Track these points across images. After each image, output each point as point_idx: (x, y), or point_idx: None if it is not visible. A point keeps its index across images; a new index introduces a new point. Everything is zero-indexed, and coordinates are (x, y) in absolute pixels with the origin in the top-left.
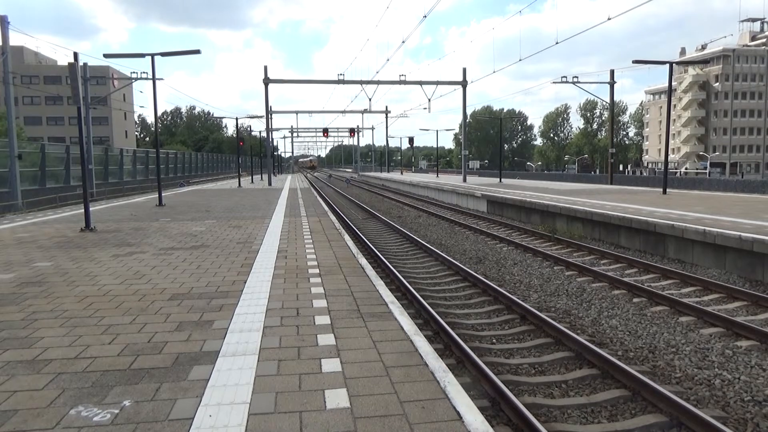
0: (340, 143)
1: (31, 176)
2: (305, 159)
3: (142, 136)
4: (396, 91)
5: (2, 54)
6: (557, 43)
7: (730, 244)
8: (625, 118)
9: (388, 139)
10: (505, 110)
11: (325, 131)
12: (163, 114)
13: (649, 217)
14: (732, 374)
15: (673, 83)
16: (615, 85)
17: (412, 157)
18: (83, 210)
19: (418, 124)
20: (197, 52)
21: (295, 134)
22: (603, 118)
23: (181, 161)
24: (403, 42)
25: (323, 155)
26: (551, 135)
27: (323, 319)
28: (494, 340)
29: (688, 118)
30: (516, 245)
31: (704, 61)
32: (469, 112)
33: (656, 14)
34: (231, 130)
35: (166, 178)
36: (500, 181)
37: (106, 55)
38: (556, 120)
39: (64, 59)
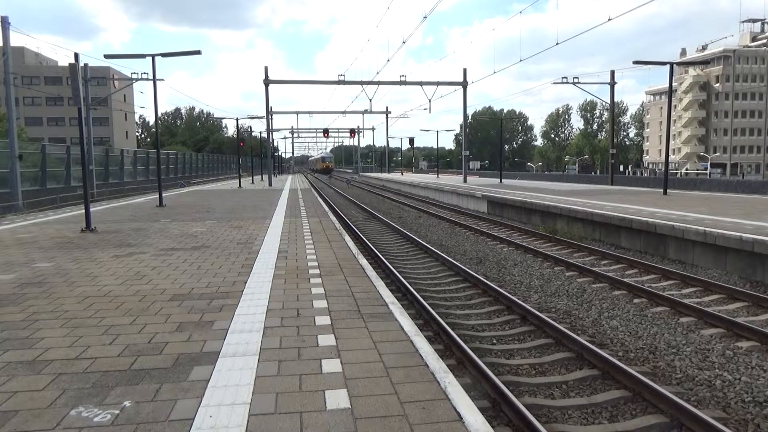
0: (340, 144)
1: (32, 177)
2: (315, 158)
3: (142, 136)
4: (397, 91)
5: (3, 55)
6: (558, 43)
7: (731, 244)
8: (626, 118)
9: (389, 139)
10: (505, 111)
11: (326, 132)
12: (163, 114)
13: (649, 217)
14: (733, 375)
15: (673, 84)
16: (617, 86)
17: (412, 158)
18: (84, 210)
19: (419, 125)
20: (198, 52)
21: (295, 135)
22: (603, 119)
23: (181, 162)
24: (404, 42)
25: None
26: (552, 135)
27: (324, 320)
28: (495, 341)
29: (688, 119)
30: (516, 246)
31: (705, 62)
32: (470, 112)
33: (660, 14)
34: (231, 131)
35: (166, 178)
36: (500, 181)
37: (106, 56)
38: (557, 120)
39: (64, 60)
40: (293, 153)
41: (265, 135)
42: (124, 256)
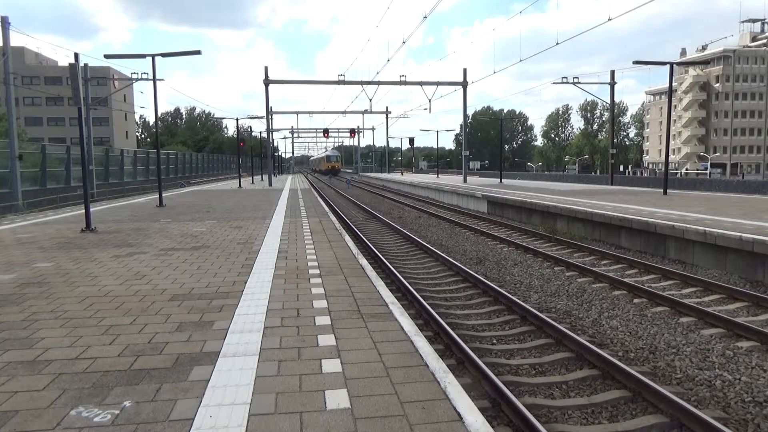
0: (340, 144)
1: (32, 177)
2: (317, 157)
3: (143, 136)
4: (397, 91)
5: (3, 55)
6: (558, 43)
7: (731, 244)
8: (626, 118)
9: (389, 139)
10: (505, 111)
11: (326, 132)
12: (163, 114)
13: (649, 217)
14: (733, 375)
15: (673, 84)
16: (617, 86)
17: (412, 158)
18: (84, 210)
19: (419, 125)
20: (198, 52)
21: (295, 135)
22: (603, 119)
23: (181, 162)
24: (404, 42)
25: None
26: (552, 135)
27: (324, 320)
28: (495, 341)
29: (688, 119)
30: (516, 246)
31: (705, 62)
32: (470, 112)
33: (662, 14)
34: (231, 131)
35: (166, 178)
36: (500, 181)
37: (106, 56)
38: (557, 120)
39: (64, 60)
40: (293, 153)
41: (265, 135)
42: (124, 256)
